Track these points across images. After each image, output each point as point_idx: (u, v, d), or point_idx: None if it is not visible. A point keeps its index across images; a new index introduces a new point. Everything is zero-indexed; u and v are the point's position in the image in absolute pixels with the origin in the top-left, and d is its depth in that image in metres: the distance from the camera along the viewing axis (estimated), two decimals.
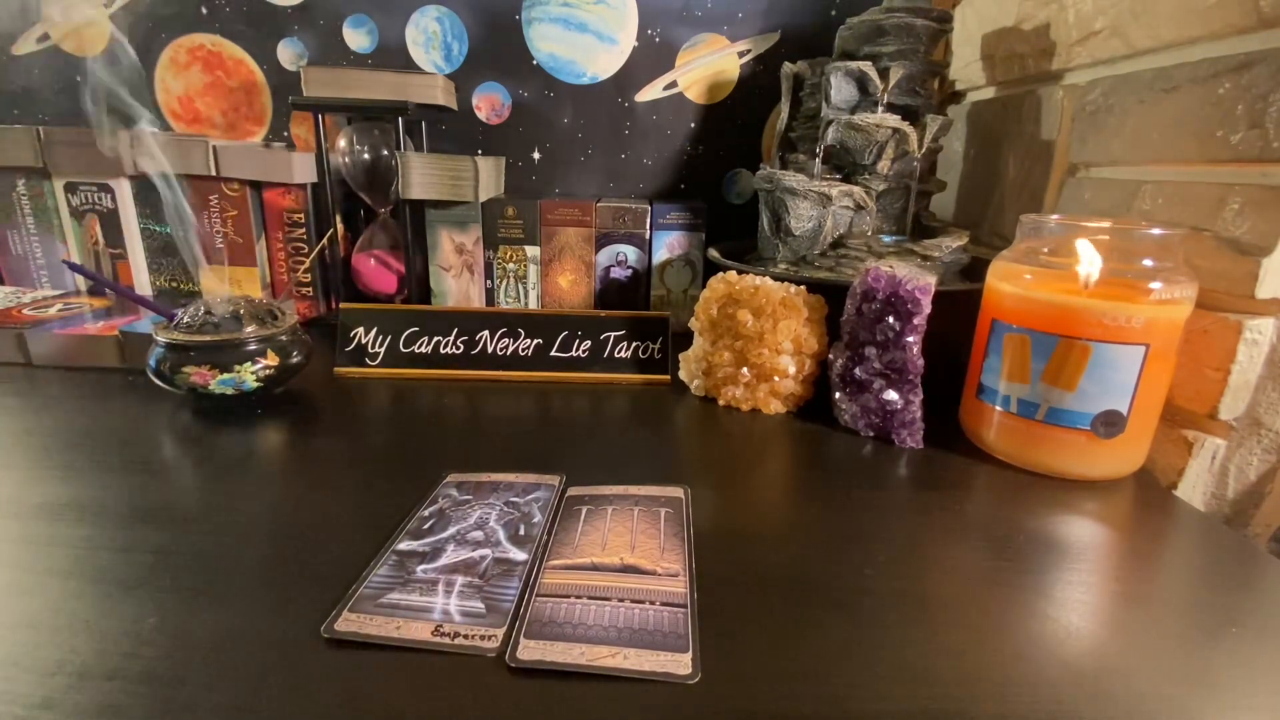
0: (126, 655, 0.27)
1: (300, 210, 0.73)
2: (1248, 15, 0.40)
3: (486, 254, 0.76)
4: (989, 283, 0.47)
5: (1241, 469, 0.42)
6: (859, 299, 0.50)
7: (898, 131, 0.60)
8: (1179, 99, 0.46)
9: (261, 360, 0.51)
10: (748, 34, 0.79)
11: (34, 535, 0.35)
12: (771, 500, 0.43)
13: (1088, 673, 0.28)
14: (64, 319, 0.63)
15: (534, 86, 0.82)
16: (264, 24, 0.79)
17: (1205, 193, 0.43)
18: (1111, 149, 0.52)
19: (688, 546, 0.35)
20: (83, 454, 0.44)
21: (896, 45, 0.61)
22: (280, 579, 0.32)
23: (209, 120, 0.83)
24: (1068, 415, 0.43)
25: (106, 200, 0.73)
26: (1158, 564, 0.37)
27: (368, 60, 0.81)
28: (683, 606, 0.31)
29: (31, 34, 0.80)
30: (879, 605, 0.32)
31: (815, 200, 0.62)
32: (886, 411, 0.49)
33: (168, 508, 0.38)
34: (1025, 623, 0.31)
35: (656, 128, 0.83)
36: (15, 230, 0.75)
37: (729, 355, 0.56)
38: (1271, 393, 0.41)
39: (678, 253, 0.76)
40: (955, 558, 0.36)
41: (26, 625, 0.28)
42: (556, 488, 0.41)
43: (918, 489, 0.44)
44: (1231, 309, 0.42)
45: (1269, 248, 0.39)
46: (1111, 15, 0.52)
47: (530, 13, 0.79)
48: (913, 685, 0.27)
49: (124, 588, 0.31)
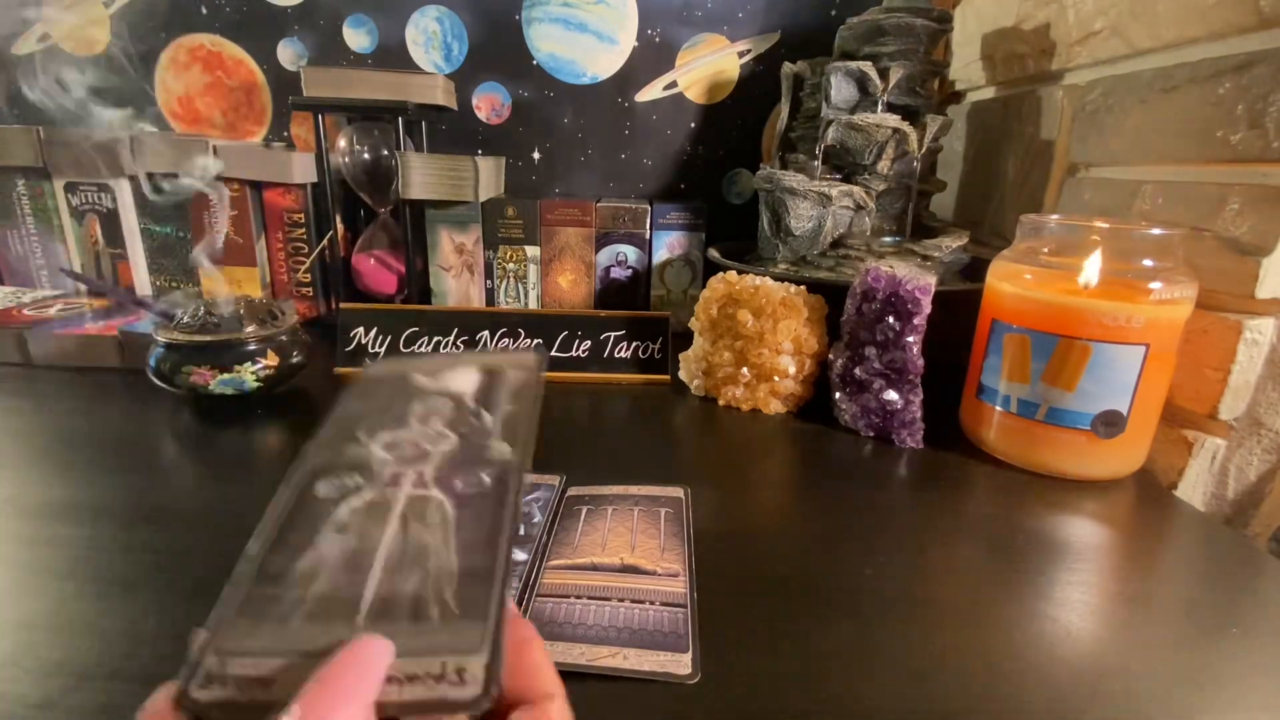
0: (126, 655, 0.27)
1: (300, 210, 0.73)
2: (1248, 15, 0.40)
3: (486, 254, 0.76)
4: (989, 283, 0.47)
5: (1241, 469, 0.42)
6: (859, 299, 0.50)
7: (898, 131, 0.60)
8: (1179, 99, 0.46)
9: (261, 360, 0.51)
10: (748, 34, 0.79)
11: (34, 535, 0.35)
12: (771, 500, 0.43)
13: (1088, 673, 0.28)
14: (64, 319, 0.63)
15: (534, 86, 0.82)
16: (264, 24, 0.79)
17: (1205, 193, 0.43)
18: (1111, 149, 0.52)
19: (688, 546, 0.35)
20: (83, 454, 0.44)
21: (896, 45, 0.61)
22: None
23: (209, 120, 0.83)
24: (1068, 415, 0.43)
25: (106, 200, 0.73)
26: (1158, 564, 0.37)
27: (368, 60, 0.81)
28: (683, 606, 0.31)
29: (31, 34, 0.80)
30: (879, 605, 0.32)
31: (815, 200, 0.62)
32: (886, 411, 0.49)
33: (168, 508, 0.38)
34: (1025, 623, 0.31)
35: (656, 128, 0.83)
36: (15, 230, 0.75)
37: (729, 355, 0.56)
38: (1271, 393, 0.41)
39: (678, 253, 0.76)
40: (955, 558, 0.36)
41: (26, 625, 0.28)
42: (556, 488, 0.41)
43: (918, 489, 0.44)
44: (1231, 309, 0.42)
45: (1269, 248, 0.39)
46: (1111, 15, 0.52)
47: (530, 13, 0.79)
48: (912, 685, 0.27)
49: (124, 588, 0.31)
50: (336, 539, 0.19)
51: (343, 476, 0.21)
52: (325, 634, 0.16)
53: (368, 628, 0.17)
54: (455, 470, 0.21)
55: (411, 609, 0.17)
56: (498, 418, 0.23)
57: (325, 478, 0.21)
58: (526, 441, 0.22)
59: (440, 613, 0.17)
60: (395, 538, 0.19)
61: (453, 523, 0.19)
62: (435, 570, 0.18)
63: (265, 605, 0.17)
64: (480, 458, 0.21)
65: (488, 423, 0.23)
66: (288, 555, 0.18)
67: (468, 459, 0.21)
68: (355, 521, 0.19)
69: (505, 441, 0.22)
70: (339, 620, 0.17)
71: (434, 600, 0.17)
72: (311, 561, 0.18)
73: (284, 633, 0.17)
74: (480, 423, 0.23)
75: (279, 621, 0.17)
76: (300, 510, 0.20)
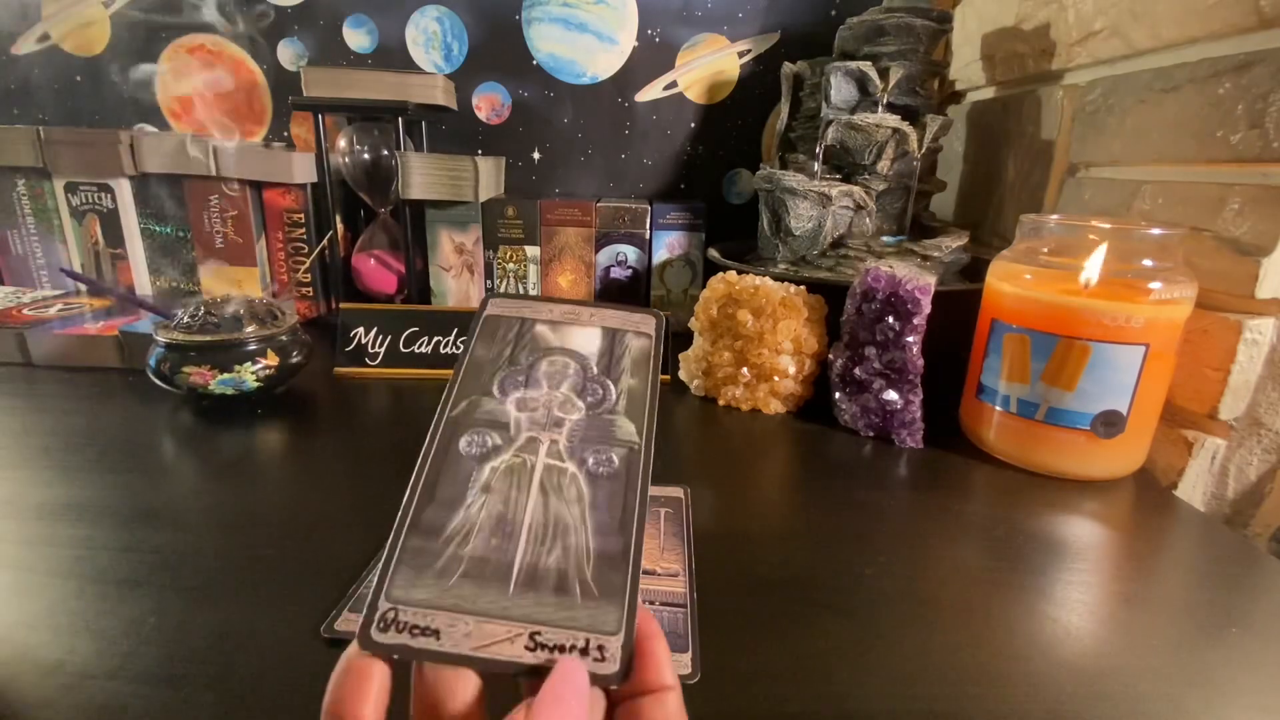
0: (126, 655, 0.27)
1: (300, 210, 0.73)
2: (1248, 15, 0.40)
3: (486, 254, 0.76)
4: (989, 283, 0.47)
5: (1241, 469, 0.42)
6: (859, 299, 0.50)
7: (898, 131, 0.60)
8: (1179, 99, 0.46)
9: (261, 360, 0.51)
10: (748, 34, 0.79)
11: (34, 535, 0.35)
12: (771, 500, 0.43)
13: (1088, 673, 0.28)
14: (64, 319, 0.63)
15: (534, 86, 0.82)
16: (264, 24, 0.79)
17: (1205, 193, 0.43)
18: (1111, 149, 0.52)
19: (687, 546, 0.35)
20: (82, 454, 0.44)
21: (896, 45, 0.61)
22: (280, 579, 0.32)
23: (209, 120, 0.83)
24: (1067, 415, 0.43)
25: (106, 200, 0.73)
26: (1158, 564, 0.37)
27: (368, 60, 0.81)
28: (682, 606, 0.31)
29: (31, 34, 0.80)
30: (878, 605, 0.32)
31: (815, 200, 0.62)
32: (886, 411, 0.49)
33: (168, 508, 0.38)
34: (1025, 623, 0.31)
35: (656, 128, 0.83)
36: (15, 230, 0.75)
37: (729, 355, 0.56)
38: (1271, 393, 0.41)
39: (678, 253, 0.76)
40: (955, 558, 0.36)
41: (26, 625, 0.28)
42: None
43: (917, 489, 0.44)
44: (1231, 309, 0.42)
45: (1269, 248, 0.39)
46: (1111, 15, 0.52)
47: (530, 13, 0.79)
48: (912, 685, 0.27)
49: (124, 588, 0.31)
50: (483, 500, 0.20)
51: (483, 433, 0.22)
52: (482, 596, 0.18)
53: (518, 594, 0.18)
54: (586, 445, 0.22)
55: (556, 582, 0.18)
56: (621, 391, 0.23)
57: (466, 432, 0.21)
58: (650, 425, 0.23)
59: (581, 590, 0.18)
60: (537, 507, 0.20)
61: (588, 501, 0.20)
62: (574, 548, 0.19)
63: (425, 558, 0.18)
64: (608, 435, 0.22)
65: (611, 395, 0.23)
66: (439, 510, 0.19)
67: (596, 435, 0.22)
68: (499, 485, 0.20)
69: (630, 420, 0.23)
70: (493, 584, 0.18)
71: (575, 577, 0.18)
72: (462, 520, 0.19)
73: (446, 588, 0.18)
74: (605, 394, 0.23)
75: (440, 576, 0.18)
76: (445, 465, 0.21)
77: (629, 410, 0.23)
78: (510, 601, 0.18)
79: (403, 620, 0.17)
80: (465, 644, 0.17)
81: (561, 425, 0.22)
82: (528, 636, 0.17)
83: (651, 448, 0.22)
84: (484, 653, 0.17)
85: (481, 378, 0.23)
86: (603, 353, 0.24)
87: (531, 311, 0.26)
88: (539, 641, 0.17)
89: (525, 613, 0.18)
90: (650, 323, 0.26)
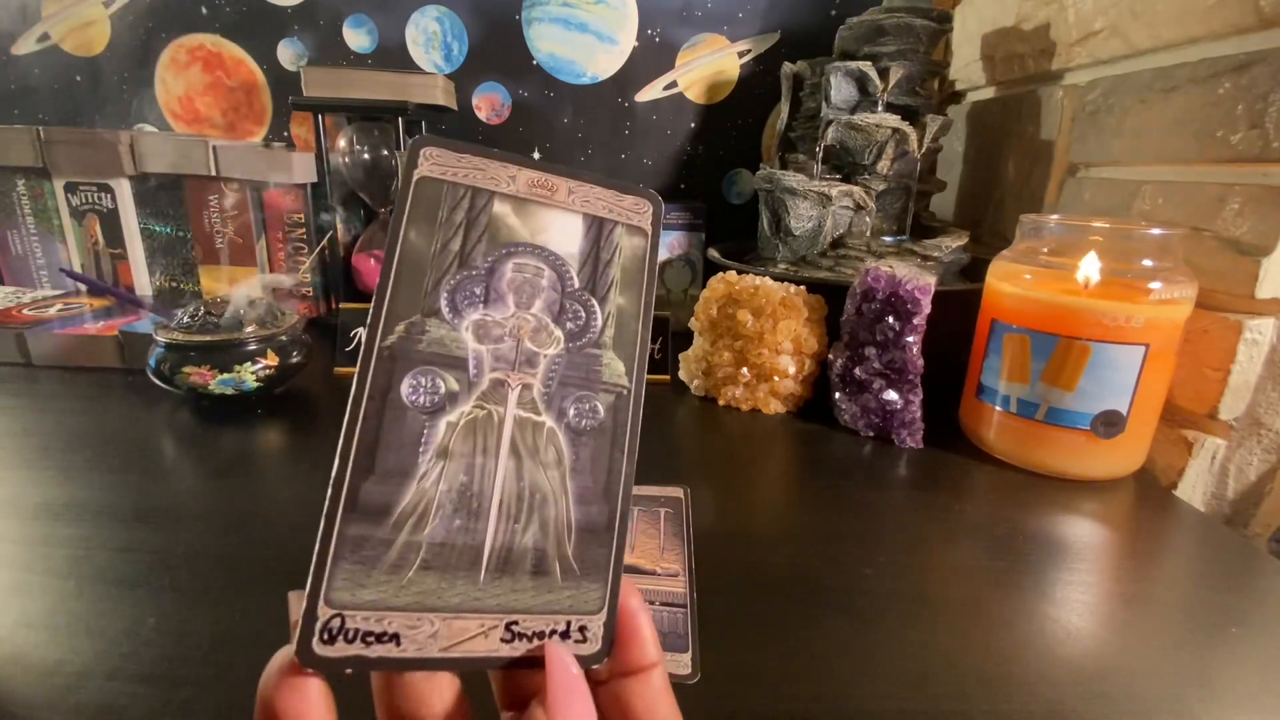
0: (126, 655, 0.27)
1: (300, 210, 0.73)
2: (1248, 15, 0.40)
3: None
4: (989, 283, 0.47)
5: (1241, 469, 0.42)
6: (859, 299, 0.50)
7: (898, 131, 0.60)
8: (1179, 99, 0.46)
9: (261, 360, 0.51)
10: (748, 34, 0.79)
11: (34, 535, 0.35)
12: (771, 500, 0.43)
13: (1088, 673, 0.28)
14: (64, 319, 0.63)
15: (534, 86, 0.82)
16: (264, 24, 0.79)
17: (1205, 193, 0.43)
18: (1111, 149, 0.52)
19: (687, 546, 0.35)
20: (82, 454, 0.44)
21: (896, 45, 0.61)
22: (280, 579, 0.32)
23: (209, 120, 0.83)
24: (1067, 415, 0.43)
25: (106, 200, 0.73)
26: (1158, 564, 0.37)
27: (368, 60, 0.81)
28: (682, 606, 0.31)
29: (31, 34, 0.80)
30: (878, 605, 0.32)
31: (815, 200, 0.62)
32: (886, 411, 0.49)
33: (167, 508, 0.38)
34: (1025, 623, 0.31)
35: (656, 128, 0.83)
36: (15, 230, 0.75)
37: (729, 355, 0.56)
38: (1271, 393, 0.41)
39: (678, 253, 0.76)
40: (955, 558, 0.36)
41: (26, 625, 0.28)
42: None
43: (917, 489, 0.44)
44: (1231, 309, 0.42)
45: (1269, 248, 0.39)
46: (1111, 15, 0.52)
47: (530, 13, 0.79)
48: (912, 685, 0.27)
49: (124, 588, 0.31)
50: (440, 468, 0.16)
51: (432, 374, 0.16)
52: (449, 589, 0.15)
53: (490, 582, 0.16)
54: (565, 391, 0.17)
55: (534, 564, 0.16)
56: (609, 314, 0.18)
57: (409, 373, 0.16)
58: (642, 361, 0.18)
59: (562, 569, 0.16)
60: (509, 475, 0.16)
61: (568, 464, 0.17)
62: (554, 520, 0.16)
63: (371, 549, 0.15)
64: (592, 377, 0.18)
65: (597, 320, 0.18)
66: (383, 485, 0.15)
67: (577, 376, 0.17)
68: (459, 447, 0.16)
69: (619, 356, 0.18)
70: (461, 573, 0.15)
71: (555, 556, 0.16)
72: (415, 497, 0.16)
73: (402, 585, 0.15)
74: (589, 319, 0.18)
75: (393, 571, 0.15)
76: (385, 422, 0.16)
77: (618, 342, 0.18)
78: (482, 591, 0.15)
79: (351, 628, 0.14)
80: (432, 646, 0.15)
81: (535, 363, 0.17)
82: (504, 628, 0.15)
83: (643, 391, 0.18)
84: (455, 652, 0.15)
85: (422, 284, 0.17)
86: (585, 255, 0.18)
87: (486, 177, 0.17)
88: (516, 631, 0.15)
89: (499, 602, 0.15)
90: (647, 212, 0.19)
